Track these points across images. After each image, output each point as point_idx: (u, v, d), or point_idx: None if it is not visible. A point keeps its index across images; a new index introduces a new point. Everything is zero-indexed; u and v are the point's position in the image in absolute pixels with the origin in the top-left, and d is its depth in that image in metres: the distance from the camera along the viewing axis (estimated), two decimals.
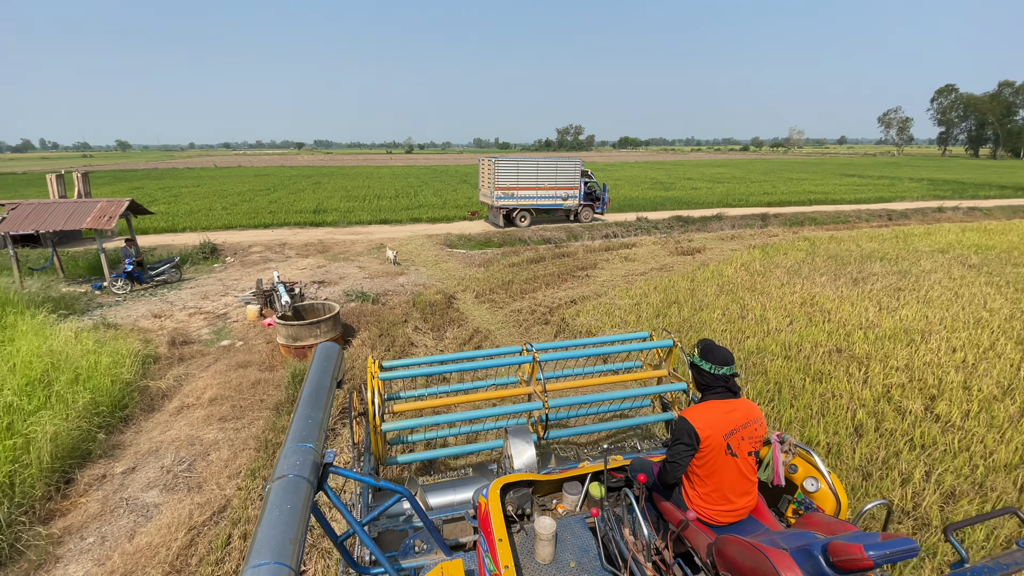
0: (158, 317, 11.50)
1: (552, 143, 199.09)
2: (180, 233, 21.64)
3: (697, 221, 23.57)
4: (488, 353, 5.01)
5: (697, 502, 2.75)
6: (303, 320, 10.04)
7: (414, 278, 14.66)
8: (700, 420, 2.67)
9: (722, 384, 2.78)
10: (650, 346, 4.89)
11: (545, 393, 4.44)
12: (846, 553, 1.87)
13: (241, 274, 15.18)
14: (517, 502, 2.98)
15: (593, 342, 5.39)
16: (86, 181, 19.50)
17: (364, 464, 4.13)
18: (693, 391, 4.49)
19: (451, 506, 3.82)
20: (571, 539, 2.86)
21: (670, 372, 4.95)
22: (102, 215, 13.30)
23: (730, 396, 2.78)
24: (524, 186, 21.54)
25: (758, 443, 2.77)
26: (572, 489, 3.17)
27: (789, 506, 2.99)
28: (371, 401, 4.01)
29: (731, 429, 2.67)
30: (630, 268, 15.44)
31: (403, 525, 3.59)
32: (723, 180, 46.02)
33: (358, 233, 21.78)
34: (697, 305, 10.35)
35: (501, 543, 2.56)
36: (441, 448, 5.04)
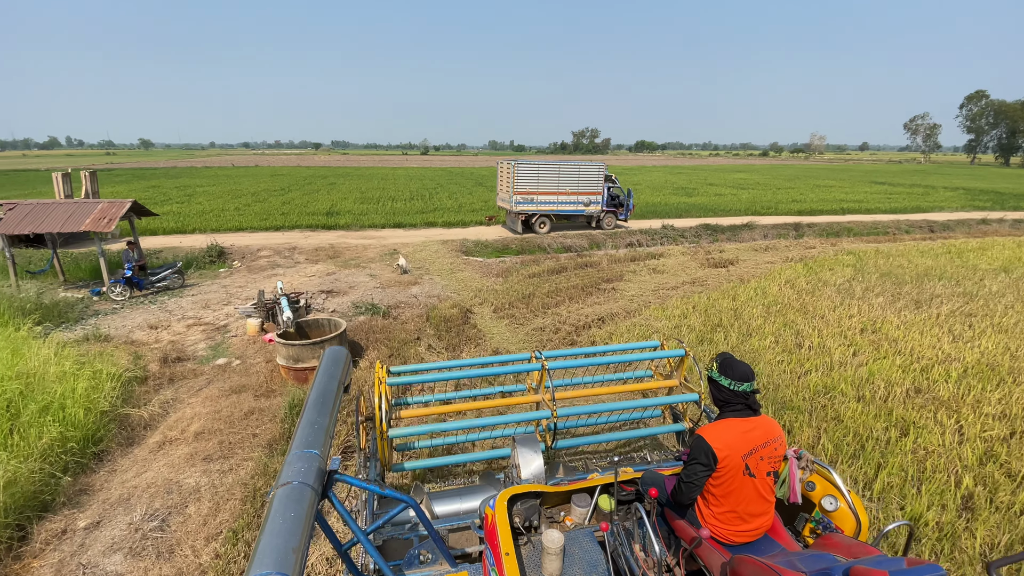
0: (154, 328, 10.70)
1: (567, 146, 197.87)
2: (189, 235, 21.00)
3: (726, 230, 22.35)
4: (496, 360, 4.93)
5: (712, 521, 2.64)
6: (307, 337, 9.15)
7: (428, 288, 13.73)
8: (718, 440, 2.55)
9: (742, 401, 2.63)
10: (661, 355, 4.75)
11: (554, 402, 4.35)
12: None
13: (246, 280, 14.39)
14: (524, 514, 2.93)
15: (603, 350, 5.23)
16: (94, 180, 18.95)
17: (370, 470, 4.07)
18: (706, 402, 4.44)
19: (457, 515, 3.72)
20: (579, 553, 2.76)
21: (681, 382, 4.81)
22: (102, 217, 12.59)
23: (750, 414, 2.64)
24: (545, 191, 20.52)
25: (777, 463, 2.65)
26: (581, 501, 3.10)
27: (806, 525, 2.87)
28: (378, 407, 3.95)
29: (750, 449, 2.55)
30: (660, 281, 14.35)
31: (408, 534, 3.47)
32: (747, 186, 44.55)
33: (371, 237, 20.96)
34: (744, 329, 9.24)
35: (508, 557, 2.48)
36: (447, 455, 4.92)
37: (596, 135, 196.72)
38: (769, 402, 6.69)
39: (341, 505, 2.31)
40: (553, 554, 2.58)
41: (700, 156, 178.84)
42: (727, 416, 2.69)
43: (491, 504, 2.89)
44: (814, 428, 6.21)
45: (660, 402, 4.69)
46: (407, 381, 4.38)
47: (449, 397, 4.96)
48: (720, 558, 2.47)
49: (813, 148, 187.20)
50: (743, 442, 2.57)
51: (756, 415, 2.68)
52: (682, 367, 4.87)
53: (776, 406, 6.66)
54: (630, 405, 4.77)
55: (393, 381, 4.30)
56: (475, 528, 3.39)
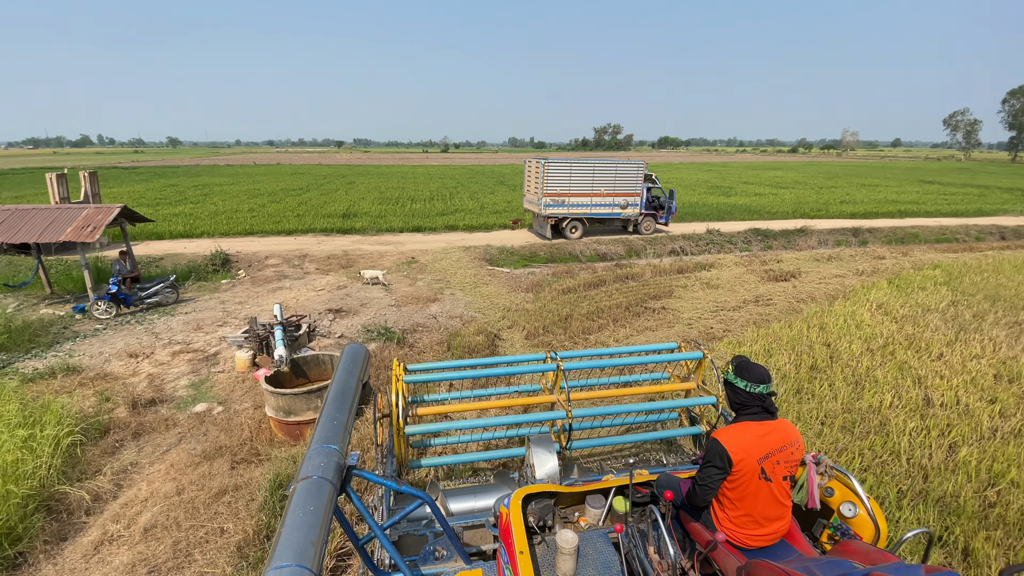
0: (134, 357, 9.23)
1: (589, 142, 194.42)
2: (196, 239, 19.73)
3: (779, 235, 20.16)
4: (512, 360, 4.93)
5: (727, 524, 2.58)
6: (305, 377, 7.54)
7: (449, 306, 12.04)
8: (733, 443, 2.49)
9: (758, 404, 2.56)
10: (678, 358, 4.69)
11: (569, 402, 4.32)
12: None
13: (248, 295, 12.91)
14: (539, 513, 2.92)
15: (619, 352, 5.19)
16: (94, 181, 17.75)
17: (387, 466, 4.07)
18: (723, 405, 4.36)
19: (472, 512, 3.73)
20: (593, 554, 2.74)
21: (699, 385, 4.75)
22: (85, 225, 11.22)
23: (766, 417, 2.57)
24: (577, 192, 18.64)
25: (794, 467, 2.60)
26: (595, 502, 3.06)
27: (824, 531, 2.80)
28: (395, 404, 3.98)
29: (766, 453, 2.49)
30: (716, 298, 12.41)
31: (423, 530, 3.50)
32: (785, 185, 41.86)
33: (388, 243, 19.39)
34: (849, 375, 7.29)
35: (522, 556, 2.47)
36: (463, 453, 5.00)
37: (619, 131, 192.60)
38: (929, 503, 4.78)
39: (359, 500, 2.36)
40: (567, 554, 2.55)
41: (726, 152, 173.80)
42: (743, 419, 2.59)
43: (506, 503, 2.87)
44: (1006, 548, 4.30)
45: (677, 404, 4.59)
46: (424, 379, 4.41)
47: (464, 396, 4.98)
48: (736, 562, 2.41)
49: (845, 144, 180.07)
50: (759, 446, 2.49)
51: (773, 418, 2.58)
52: (700, 370, 4.76)
53: (937, 508, 4.75)
54: (646, 407, 4.73)
55: (410, 379, 4.33)
56: (489, 526, 3.37)
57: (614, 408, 4.69)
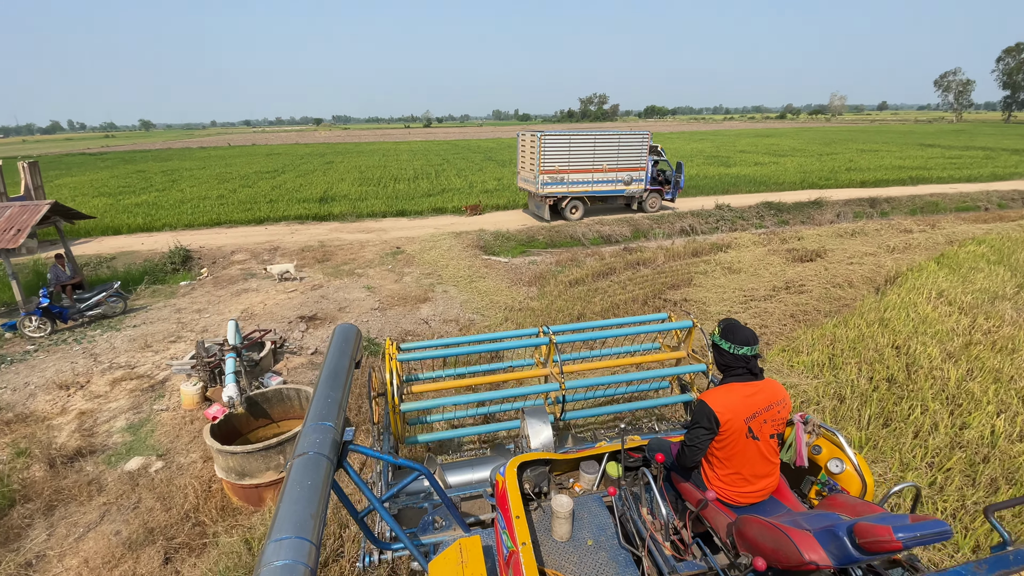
0: (65, 389, 7.63)
1: (575, 113, 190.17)
2: (157, 232, 17.81)
3: (792, 209, 18.77)
4: (505, 335, 4.92)
5: (716, 483, 2.65)
6: (266, 416, 6.04)
7: (443, 307, 10.51)
8: (720, 403, 2.55)
9: (743, 365, 2.60)
10: (669, 327, 4.77)
11: (562, 375, 4.38)
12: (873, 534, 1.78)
13: (209, 300, 11.25)
14: (534, 480, 2.96)
15: (610, 324, 5.19)
16: (35, 172, 15.69)
17: (383, 443, 4.11)
18: (713, 372, 4.44)
19: (469, 484, 3.78)
20: (588, 517, 2.82)
21: (689, 353, 4.80)
22: (8, 227, 9.43)
23: (751, 378, 2.61)
24: (578, 168, 16.96)
25: (781, 425, 2.65)
26: (589, 468, 3.13)
27: (812, 488, 2.86)
28: (389, 382, 3.99)
29: (753, 412, 2.54)
30: (741, 285, 11.02)
31: (422, 503, 3.54)
32: (784, 152, 40.35)
33: (370, 230, 17.66)
34: (938, 391, 5.95)
35: (518, 520, 2.52)
36: (459, 428, 5.12)
37: (604, 101, 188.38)
38: None
39: (356, 474, 2.36)
40: (563, 518, 2.62)
41: (714, 120, 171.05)
42: (729, 381, 2.64)
43: (501, 471, 2.90)
44: None
45: (667, 373, 4.71)
46: (417, 357, 4.48)
47: (459, 372, 4.98)
48: (726, 519, 2.47)
49: (832, 109, 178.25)
50: (745, 406, 2.53)
51: (758, 379, 2.62)
52: (689, 338, 4.79)
53: None
54: (637, 376, 4.71)
55: (403, 357, 4.38)
56: (487, 496, 3.39)
57: (606, 379, 4.74)
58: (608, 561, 2.56)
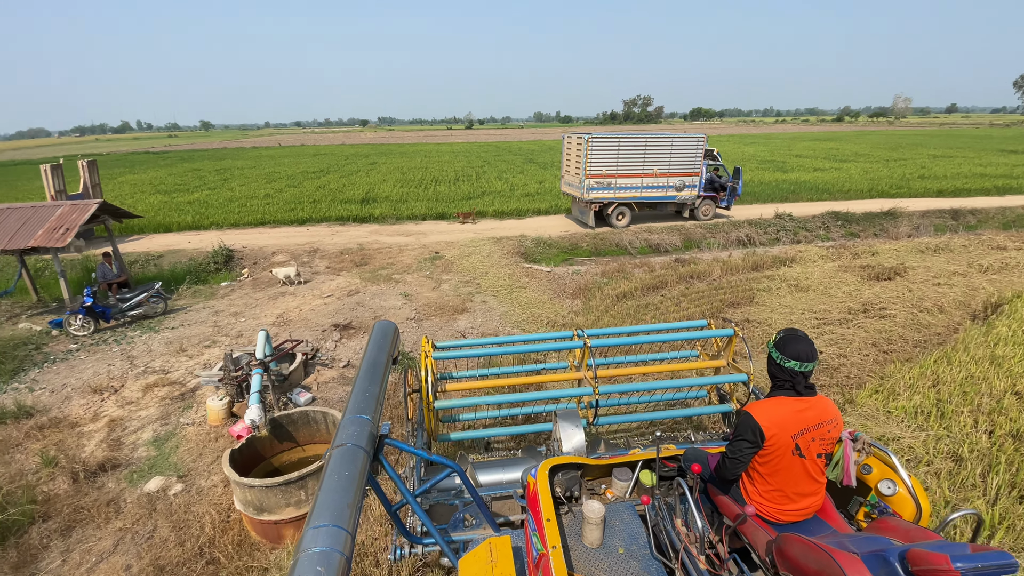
0: (99, 393, 7.50)
1: (618, 115, 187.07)
2: (204, 231, 18.12)
3: (861, 219, 17.26)
4: (539, 337, 4.89)
5: (757, 499, 2.52)
6: (291, 440, 5.61)
7: (481, 319, 9.95)
8: (766, 417, 2.41)
9: (788, 379, 2.46)
10: (709, 335, 4.59)
11: (596, 379, 4.28)
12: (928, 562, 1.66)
13: (247, 303, 11.11)
14: (566, 484, 2.92)
15: (647, 329, 5.05)
16: (93, 171, 16.20)
17: (417, 439, 4.16)
18: (755, 383, 4.35)
19: (500, 484, 3.76)
20: (620, 525, 2.75)
21: (729, 363, 4.60)
22: (57, 226, 9.52)
23: (800, 394, 2.46)
24: (626, 172, 16.10)
25: (830, 445, 2.50)
26: (622, 475, 3.05)
27: (860, 509, 2.67)
28: (424, 379, 4.05)
29: (801, 429, 2.41)
30: (811, 306, 9.95)
31: (453, 499, 3.56)
32: (846, 157, 37.87)
33: (409, 233, 17.37)
34: None
35: (549, 523, 2.49)
36: (491, 428, 5.16)
37: (649, 103, 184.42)
38: None
39: (391, 468, 2.40)
40: (594, 524, 2.56)
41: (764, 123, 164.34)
42: (778, 394, 2.50)
43: (533, 473, 2.87)
44: None
45: (706, 382, 4.61)
46: (453, 356, 4.52)
47: (493, 372, 4.92)
48: (766, 536, 2.37)
49: (896, 111, 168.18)
50: (794, 421, 2.41)
51: (811, 395, 2.47)
52: (730, 347, 4.63)
53: None
54: (675, 384, 4.67)
55: (439, 355, 4.40)
56: (517, 497, 3.45)
57: (641, 385, 4.65)
58: (640, 571, 2.50)
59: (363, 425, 2.34)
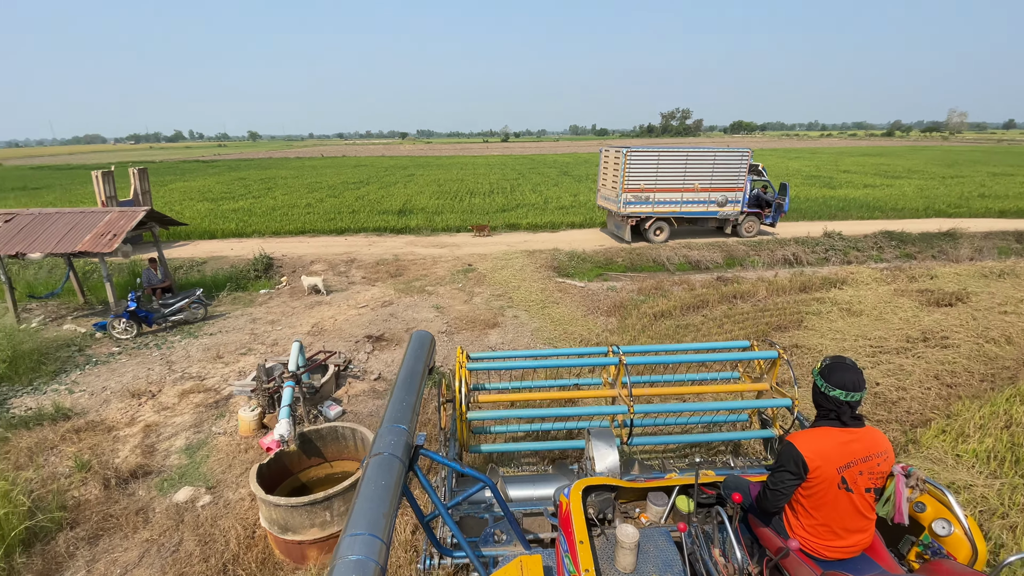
0: (136, 398, 7.64)
1: (655, 128, 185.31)
2: (247, 238, 18.66)
3: (917, 240, 16.26)
4: (573, 352, 5.00)
5: (801, 533, 2.41)
6: (319, 456, 5.50)
7: (512, 335, 9.74)
8: (810, 448, 2.31)
9: (832, 409, 2.36)
10: (751, 356, 4.41)
11: (631, 398, 4.18)
12: None
13: (283, 311, 11.24)
14: (599, 506, 2.87)
15: (685, 348, 4.98)
16: (143, 178, 16.94)
17: (449, 449, 4.17)
18: (800, 409, 4.18)
19: (530, 500, 3.76)
20: (654, 551, 2.66)
21: (773, 386, 4.44)
22: (105, 232, 9.86)
23: (847, 424, 2.36)
24: (665, 187, 15.69)
25: (880, 480, 2.37)
26: (658, 500, 2.97)
27: (912, 549, 2.56)
28: (458, 389, 4.07)
29: (848, 462, 2.30)
30: (864, 332, 9.31)
31: (483, 513, 3.56)
32: (898, 174, 36.12)
33: (443, 244, 17.39)
34: None
35: (582, 545, 2.46)
36: (522, 441, 5.21)
37: (687, 116, 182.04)
38: None
39: (425, 478, 2.42)
40: (627, 548, 2.50)
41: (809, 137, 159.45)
42: (823, 424, 2.41)
43: (566, 492, 2.86)
44: None
45: (748, 406, 4.46)
46: (486, 367, 4.51)
47: (525, 385, 4.85)
48: (810, 572, 2.26)
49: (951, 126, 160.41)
50: (840, 453, 2.30)
51: (859, 426, 2.36)
52: (774, 370, 4.46)
53: None
54: (714, 407, 4.56)
55: (473, 366, 4.43)
56: (548, 515, 3.38)
57: (679, 406, 4.53)
58: None
59: (400, 435, 2.37)
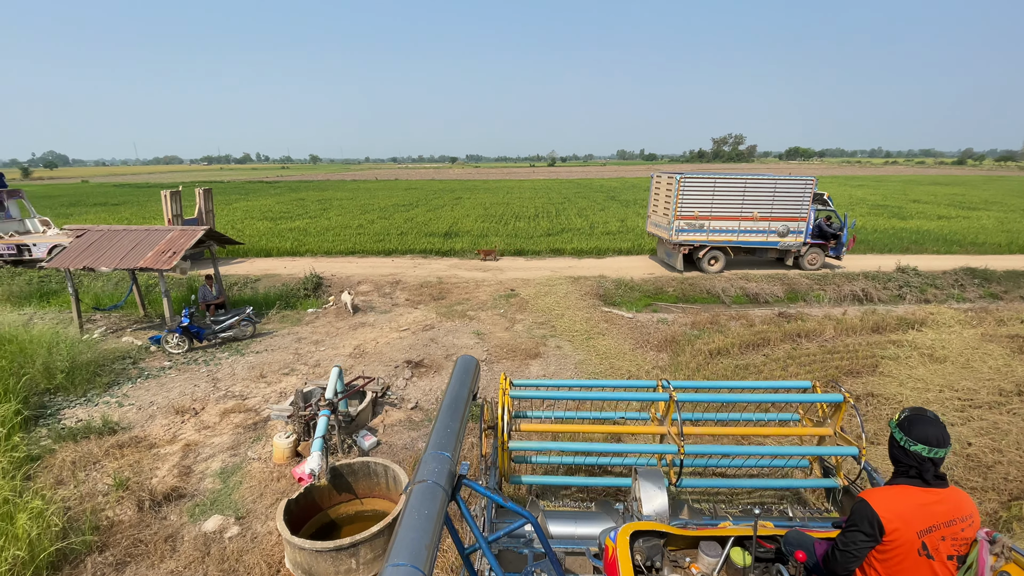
0: (180, 415, 7.71)
1: (706, 154, 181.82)
2: (300, 257, 19.22)
3: (1002, 278, 14.73)
4: (620, 384, 4.75)
5: None
6: (350, 491, 5.24)
7: (554, 367, 9.31)
8: (888, 508, 2.15)
9: (915, 466, 2.19)
10: (813, 399, 4.20)
11: (681, 436, 3.98)
12: None
13: (328, 331, 11.30)
14: (647, 552, 2.70)
15: (742, 386, 4.77)
16: (208, 198, 17.83)
17: (490, 478, 4.07)
18: (867, 459, 3.95)
19: (571, 538, 3.64)
20: None
21: (837, 432, 4.18)
22: (166, 250, 10.25)
23: (922, 483, 2.20)
24: (721, 215, 14.99)
25: (964, 547, 2.19)
26: (710, 550, 2.71)
27: None
28: (500, 417, 4.01)
29: (929, 526, 2.14)
30: (950, 382, 8.30)
31: (522, 548, 3.48)
32: (975, 205, 33.48)
33: (487, 268, 17.26)
34: None
35: None
36: (565, 476, 4.91)
37: (740, 141, 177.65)
38: None
39: (467, 510, 2.36)
40: None
41: (872, 165, 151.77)
42: (902, 482, 2.23)
43: (612, 536, 2.76)
44: None
45: (809, 452, 4.17)
46: (530, 395, 4.48)
47: (569, 416, 4.72)
48: None
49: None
50: (921, 516, 2.14)
51: (942, 486, 2.20)
52: (838, 415, 4.18)
53: None
54: (772, 451, 4.28)
55: (516, 394, 4.36)
56: (590, 556, 3.21)
57: (734, 448, 4.22)
58: None
59: (444, 462, 2.31)
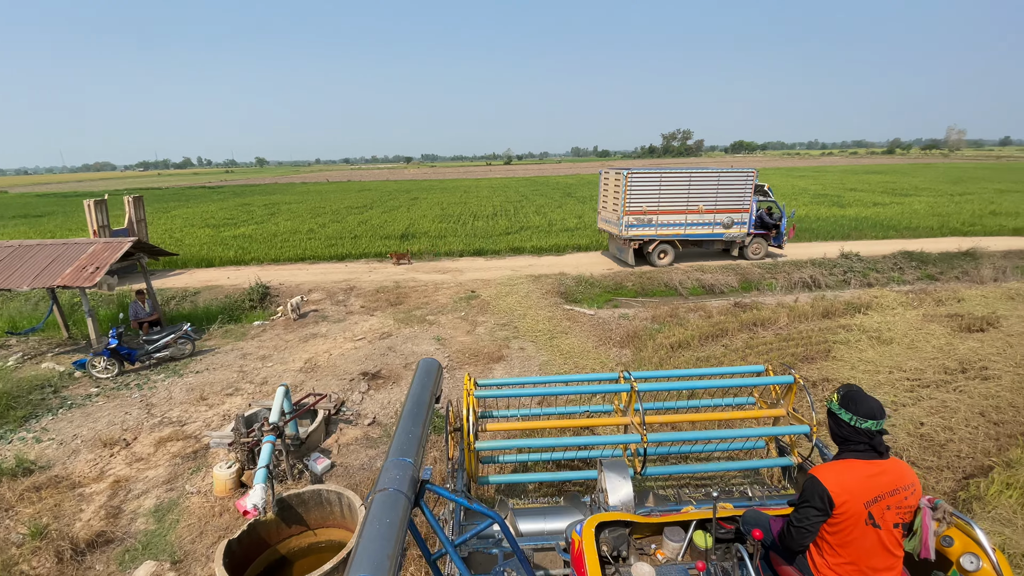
0: (109, 447, 6.98)
1: (656, 149, 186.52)
2: (245, 266, 18.17)
3: (937, 260, 15.61)
4: (584, 378, 4.92)
5: (826, 572, 2.33)
6: (300, 523, 4.82)
7: (518, 369, 9.08)
8: (835, 483, 2.24)
9: (865, 440, 2.27)
10: (766, 382, 4.34)
11: (644, 426, 4.04)
12: None
13: (276, 345, 10.63)
14: (613, 542, 2.78)
15: (699, 373, 4.99)
16: (139, 206, 16.54)
17: (457, 480, 4.05)
18: (817, 436, 4.10)
19: (541, 534, 3.66)
20: None
21: (789, 412, 4.35)
22: (87, 265, 9.32)
23: (874, 456, 2.28)
24: (668, 209, 15.16)
25: (908, 514, 2.31)
26: (674, 535, 2.85)
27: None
28: (466, 418, 3.96)
29: (875, 496, 2.22)
30: (898, 362, 8.62)
31: (492, 548, 3.43)
32: (906, 191, 35.64)
33: (445, 270, 16.85)
34: None
35: None
36: (532, 472, 5.12)
37: (689, 136, 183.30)
38: None
39: (432, 516, 2.33)
40: None
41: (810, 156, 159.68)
42: (847, 456, 2.33)
43: (578, 529, 2.79)
44: None
45: (764, 433, 4.30)
46: (494, 395, 4.47)
47: (534, 413, 4.76)
48: None
49: (950, 144, 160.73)
50: (867, 487, 2.23)
51: (884, 458, 2.30)
52: (790, 395, 4.36)
53: None
54: (730, 434, 4.45)
55: (481, 394, 4.36)
56: (559, 551, 3.32)
57: (693, 434, 4.36)
58: None
59: (406, 468, 2.28)
